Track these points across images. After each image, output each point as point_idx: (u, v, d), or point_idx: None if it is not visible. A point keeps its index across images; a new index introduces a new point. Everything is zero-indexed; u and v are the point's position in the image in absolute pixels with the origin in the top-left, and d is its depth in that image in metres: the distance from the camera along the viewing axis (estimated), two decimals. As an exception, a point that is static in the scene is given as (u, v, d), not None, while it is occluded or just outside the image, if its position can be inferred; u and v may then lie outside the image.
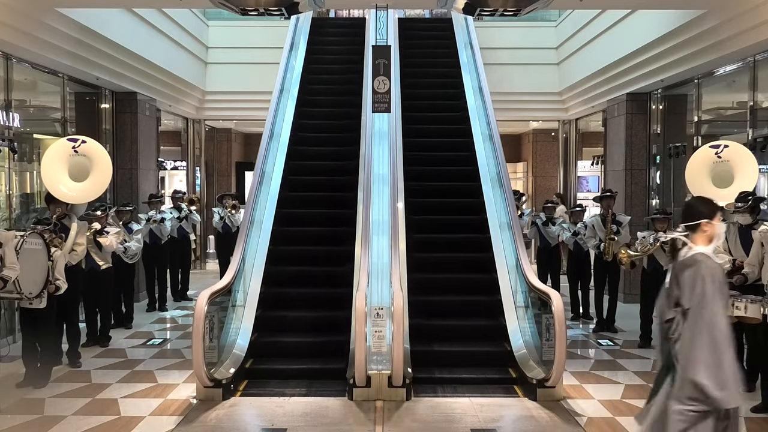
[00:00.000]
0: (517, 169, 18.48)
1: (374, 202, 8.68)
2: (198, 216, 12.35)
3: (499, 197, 9.53)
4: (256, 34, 14.31)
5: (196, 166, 16.08)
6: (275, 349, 7.62)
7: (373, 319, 6.62)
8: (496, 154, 10.07)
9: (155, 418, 6.12)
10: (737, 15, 7.95)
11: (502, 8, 7.93)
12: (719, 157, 7.44)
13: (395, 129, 10.37)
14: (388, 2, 8.29)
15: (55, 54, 8.86)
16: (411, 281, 8.17)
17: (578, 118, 15.29)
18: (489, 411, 6.30)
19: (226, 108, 15.20)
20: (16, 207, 9.21)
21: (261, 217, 9.21)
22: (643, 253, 8.58)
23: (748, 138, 8.99)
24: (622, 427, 5.94)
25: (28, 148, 10.05)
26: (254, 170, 9.72)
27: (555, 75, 14.80)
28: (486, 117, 10.96)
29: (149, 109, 12.28)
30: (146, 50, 11.02)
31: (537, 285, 7.27)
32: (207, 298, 6.62)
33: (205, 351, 6.53)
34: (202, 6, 12.02)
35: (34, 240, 6.77)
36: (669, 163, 11.44)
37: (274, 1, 7.68)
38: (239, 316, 7.78)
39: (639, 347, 8.66)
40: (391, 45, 10.53)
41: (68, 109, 10.30)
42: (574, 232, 10.08)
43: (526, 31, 14.80)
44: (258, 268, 8.47)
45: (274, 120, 10.73)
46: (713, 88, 10.38)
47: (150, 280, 11.06)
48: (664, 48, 9.82)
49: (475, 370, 7.24)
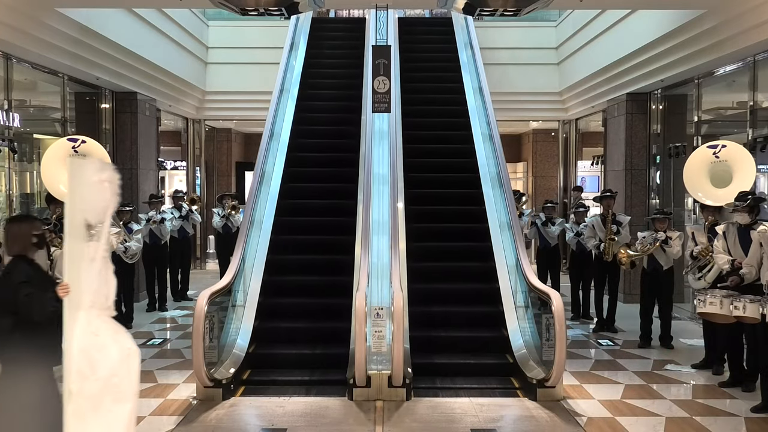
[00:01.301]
0: (517, 169, 18.48)
1: (374, 202, 8.69)
2: (198, 216, 12.36)
3: (499, 197, 9.53)
4: (256, 34, 14.30)
5: (196, 166, 16.08)
6: (274, 357, 7.58)
7: (373, 318, 6.62)
8: (496, 154, 10.07)
9: (155, 418, 6.12)
10: (737, 15, 7.95)
11: (502, 8, 7.92)
12: (717, 157, 7.44)
13: (395, 129, 10.37)
14: (388, 2, 8.29)
15: (55, 54, 8.86)
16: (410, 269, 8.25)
17: (578, 118, 15.28)
18: (489, 411, 6.30)
19: (226, 108, 15.20)
20: (16, 207, 9.21)
21: (261, 217, 9.22)
22: (643, 253, 8.58)
23: (748, 138, 8.99)
24: (622, 427, 5.94)
25: (28, 148, 10.05)
26: (254, 170, 9.73)
27: (555, 75, 14.79)
28: (486, 117, 10.96)
29: (149, 109, 12.28)
30: (146, 50, 11.02)
31: (537, 285, 7.27)
32: (207, 298, 6.62)
33: (205, 351, 6.54)
34: (202, 6, 12.02)
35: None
36: (669, 163, 11.43)
37: (274, 1, 7.68)
38: (239, 316, 7.78)
39: (639, 347, 8.66)
40: (391, 45, 10.53)
41: (68, 109, 10.30)
42: (577, 232, 10.07)
43: (526, 31, 14.80)
44: (258, 267, 8.47)
45: (274, 120, 10.73)
46: (713, 88, 10.38)
47: (150, 280, 11.06)
48: (664, 48, 9.82)
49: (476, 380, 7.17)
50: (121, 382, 4.15)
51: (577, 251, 10.18)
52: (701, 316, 7.15)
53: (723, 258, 6.93)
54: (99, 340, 4.13)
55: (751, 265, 6.49)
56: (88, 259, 4.15)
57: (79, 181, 4.17)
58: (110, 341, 4.17)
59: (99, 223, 4.18)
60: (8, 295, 4.30)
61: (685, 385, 7.24)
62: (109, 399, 4.11)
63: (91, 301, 4.13)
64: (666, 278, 8.70)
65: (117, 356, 4.15)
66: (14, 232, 4.56)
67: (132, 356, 4.23)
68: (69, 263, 4.14)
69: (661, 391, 6.96)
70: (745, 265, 6.57)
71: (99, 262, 4.18)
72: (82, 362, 4.07)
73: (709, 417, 6.18)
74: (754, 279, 6.49)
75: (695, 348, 8.45)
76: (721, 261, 6.96)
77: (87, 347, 4.10)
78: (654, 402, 6.61)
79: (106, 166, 4.35)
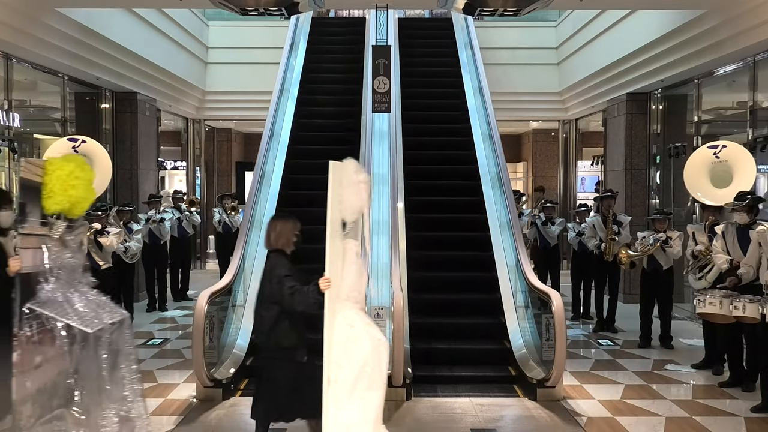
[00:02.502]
0: (517, 169, 18.48)
1: (374, 202, 8.68)
2: (198, 217, 12.35)
3: (499, 197, 9.52)
4: (256, 34, 14.30)
5: (196, 166, 16.08)
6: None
7: (373, 318, 6.61)
8: (496, 154, 10.07)
9: (155, 418, 6.10)
10: (737, 15, 7.95)
11: (502, 8, 7.93)
12: (717, 157, 7.45)
13: (395, 129, 10.37)
14: (388, 2, 8.29)
15: (55, 54, 8.86)
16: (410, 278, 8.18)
17: (578, 118, 15.28)
18: (489, 411, 6.30)
19: (226, 108, 15.20)
20: (16, 207, 9.20)
21: (261, 217, 9.21)
22: (643, 253, 8.58)
23: (748, 138, 8.99)
24: (622, 427, 5.94)
25: (28, 148, 10.05)
26: (254, 170, 9.73)
27: (555, 75, 14.80)
28: (486, 117, 10.96)
29: (149, 109, 12.28)
30: (146, 50, 11.03)
31: (537, 285, 7.27)
32: (207, 298, 6.62)
33: (205, 351, 6.54)
34: (202, 6, 12.02)
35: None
36: (669, 163, 11.43)
37: (274, 1, 7.68)
38: (239, 316, 7.78)
39: (639, 347, 8.66)
40: (391, 45, 10.53)
41: (68, 109, 10.31)
42: (578, 232, 10.06)
43: (526, 31, 14.80)
44: (259, 267, 8.46)
45: (274, 120, 10.73)
46: (713, 88, 10.38)
47: (150, 280, 11.06)
48: (664, 48, 9.82)
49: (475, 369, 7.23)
50: (372, 371, 4.46)
51: (579, 251, 10.17)
52: (701, 316, 7.15)
53: (722, 258, 6.93)
54: (353, 331, 4.47)
55: (749, 265, 6.49)
56: (349, 255, 4.53)
57: (339, 183, 4.53)
58: (363, 332, 4.49)
59: (353, 222, 4.56)
60: (274, 288, 4.67)
61: (685, 385, 7.24)
62: (361, 386, 4.43)
63: (347, 294, 4.51)
64: (666, 278, 8.70)
65: (369, 347, 4.46)
66: (281, 228, 4.92)
67: (382, 347, 4.53)
68: (330, 259, 4.42)
69: (661, 391, 6.96)
70: (743, 265, 6.56)
71: (354, 258, 4.54)
72: (339, 352, 4.41)
73: (709, 417, 6.18)
74: (752, 279, 6.49)
75: (695, 348, 8.45)
76: (720, 261, 6.96)
77: (343, 338, 4.44)
78: (654, 402, 6.61)
79: (361, 168, 4.72)
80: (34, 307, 4.13)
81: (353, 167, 4.66)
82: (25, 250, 4.32)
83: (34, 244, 4.31)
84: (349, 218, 4.58)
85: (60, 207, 4.41)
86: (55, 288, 4.27)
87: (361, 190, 4.59)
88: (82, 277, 4.57)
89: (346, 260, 4.55)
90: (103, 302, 4.53)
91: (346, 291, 4.53)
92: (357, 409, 4.41)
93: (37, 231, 4.34)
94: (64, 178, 4.39)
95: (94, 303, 4.44)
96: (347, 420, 4.38)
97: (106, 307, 4.52)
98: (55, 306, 4.21)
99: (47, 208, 4.37)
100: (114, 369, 4.44)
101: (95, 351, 4.26)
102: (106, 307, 4.51)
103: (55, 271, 4.31)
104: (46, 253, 4.28)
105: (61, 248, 4.39)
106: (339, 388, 4.39)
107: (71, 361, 4.20)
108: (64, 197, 4.39)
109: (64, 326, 4.16)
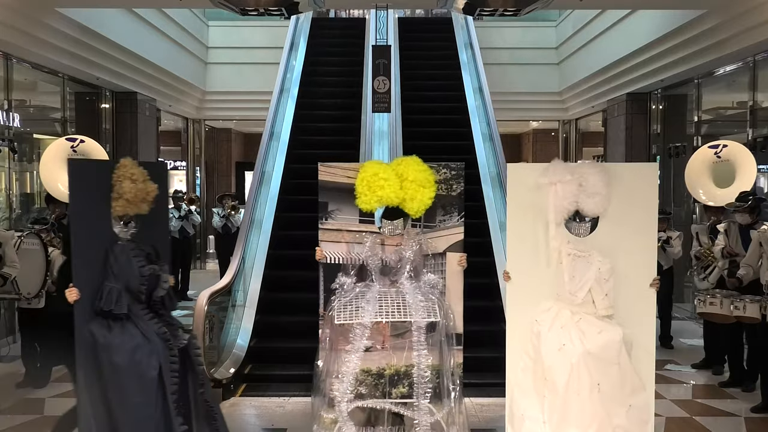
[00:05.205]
0: (517, 169, 18.44)
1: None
2: (198, 217, 12.35)
3: (500, 198, 9.51)
4: (256, 34, 14.32)
5: (196, 166, 16.09)
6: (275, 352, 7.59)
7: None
8: (497, 154, 10.07)
9: (155, 418, 6.11)
10: (737, 15, 7.95)
11: (502, 8, 7.92)
12: (719, 156, 7.44)
13: (395, 129, 10.37)
14: (388, 2, 8.30)
15: (55, 54, 8.86)
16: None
17: (578, 118, 15.29)
18: (489, 411, 6.29)
19: (226, 108, 15.21)
20: (16, 207, 9.21)
21: (261, 218, 9.21)
22: (644, 253, 8.56)
23: (748, 138, 8.99)
24: (622, 427, 5.93)
25: (28, 148, 10.05)
26: (254, 170, 9.72)
27: (555, 75, 14.80)
28: (486, 117, 10.96)
29: (149, 109, 12.28)
30: (146, 50, 11.03)
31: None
32: (207, 298, 6.62)
33: (205, 351, 6.53)
34: (202, 6, 12.03)
35: (31, 240, 6.77)
36: (669, 163, 11.43)
37: (274, 1, 7.68)
38: (239, 316, 7.78)
39: (639, 347, 8.64)
40: (391, 45, 10.53)
41: (68, 109, 10.31)
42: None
43: (526, 30, 14.81)
44: (258, 267, 8.46)
45: (274, 120, 10.73)
46: (713, 88, 10.38)
47: (150, 280, 11.03)
48: (664, 48, 9.81)
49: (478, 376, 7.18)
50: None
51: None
52: (701, 316, 7.15)
53: (717, 247, 6.98)
54: (539, 328, 4.52)
55: (749, 265, 6.48)
56: (561, 255, 4.54)
57: (525, 189, 4.59)
58: (547, 331, 4.50)
59: (557, 223, 4.53)
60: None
61: (685, 385, 7.24)
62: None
63: (557, 294, 4.55)
64: (666, 278, 8.68)
65: (551, 347, 4.45)
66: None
67: (564, 351, 4.43)
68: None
69: (661, 391, 6.93)
70: (742, 266, 6.56)
71: (565, 259, 4.54)
72: (528, 346, 4.58)
73: (709, 417, 6.18)
74: (751, 279, 6.48)
75: (695, 348, 8.44)
76: (715, 249, 7.02)
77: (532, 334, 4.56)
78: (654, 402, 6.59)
79: (544, 168, 4.57)
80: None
81: (536, 170, 4.57)
82: None
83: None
84: (555, 219, 4.51)
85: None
86: None
87: (556, 190, 4.47)
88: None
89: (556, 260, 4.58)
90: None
91: (556, 291, 4.57)
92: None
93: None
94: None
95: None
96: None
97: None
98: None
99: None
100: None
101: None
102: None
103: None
104: None
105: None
106: (528, 382, 4.59)
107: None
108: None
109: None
